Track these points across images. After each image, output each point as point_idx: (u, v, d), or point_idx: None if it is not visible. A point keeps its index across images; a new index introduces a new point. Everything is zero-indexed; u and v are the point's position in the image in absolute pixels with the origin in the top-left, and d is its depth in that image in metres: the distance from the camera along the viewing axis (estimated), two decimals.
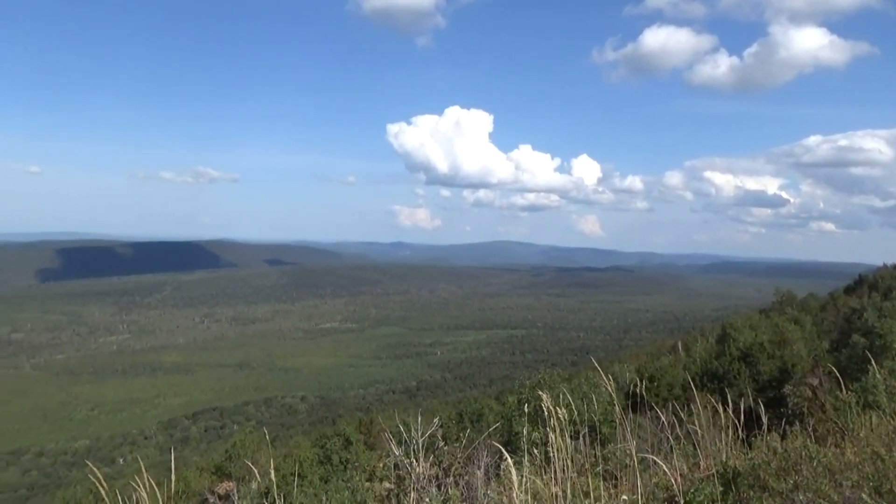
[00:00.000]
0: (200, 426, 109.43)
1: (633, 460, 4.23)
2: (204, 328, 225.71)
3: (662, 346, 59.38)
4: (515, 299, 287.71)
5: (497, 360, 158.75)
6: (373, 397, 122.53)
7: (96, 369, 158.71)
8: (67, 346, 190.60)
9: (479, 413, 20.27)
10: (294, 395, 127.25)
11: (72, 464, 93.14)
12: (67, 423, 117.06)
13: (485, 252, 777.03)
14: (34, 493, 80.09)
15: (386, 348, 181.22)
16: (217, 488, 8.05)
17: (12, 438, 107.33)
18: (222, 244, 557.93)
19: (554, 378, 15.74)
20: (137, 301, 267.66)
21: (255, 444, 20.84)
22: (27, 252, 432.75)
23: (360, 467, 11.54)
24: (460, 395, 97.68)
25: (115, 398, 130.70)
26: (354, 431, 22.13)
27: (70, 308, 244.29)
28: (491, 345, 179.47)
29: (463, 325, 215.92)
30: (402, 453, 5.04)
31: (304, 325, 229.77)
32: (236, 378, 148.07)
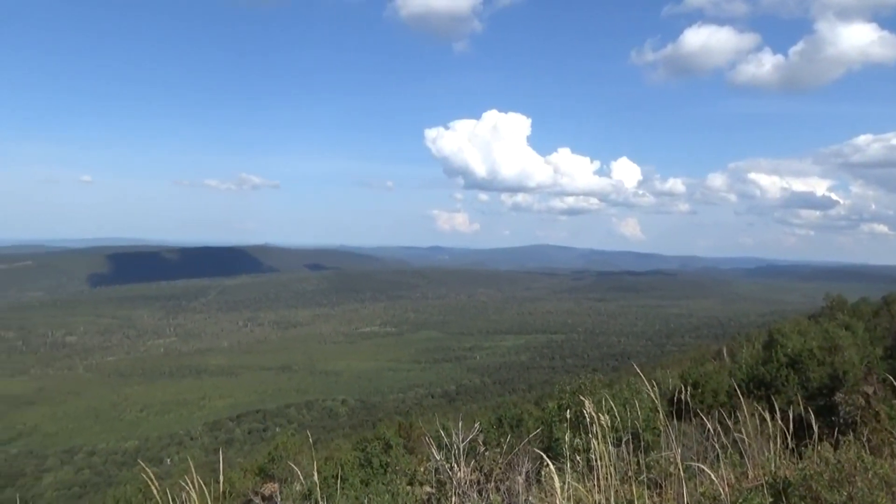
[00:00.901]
0: (244, 428, 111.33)
1: (679, 468, 4.15)
2: (247, 332, 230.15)
3: (706, 352, 57.93)
4: (555, 303, 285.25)
5: (536, 364, 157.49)
6: (412, 401, 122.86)
7: (145, 371, 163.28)
8: (118, 349, 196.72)
9: (518, 418, 20.12)
10: (335, 398, 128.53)
11: (122, 463, 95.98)
12: (118, 423, 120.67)
13: (523, 256, 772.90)
14: (87, 491, 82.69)
15: (425, 352, 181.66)
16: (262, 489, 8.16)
17: (67, 437, 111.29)
18: (264, 249, 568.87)
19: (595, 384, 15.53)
20: (184, 305, 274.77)
21: (296, 446, 21.14)
22: (80, 257, 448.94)
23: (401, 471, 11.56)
24: (499, 399, 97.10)
25: (163, 399, 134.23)
26: (394, 435, 22.21)
27: (120, 312, 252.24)
28: (530, 349, 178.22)
29: (502, 330, 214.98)
30: (443, 458, 5.04)
31: (345, 328, 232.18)
32: (278, 381, 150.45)
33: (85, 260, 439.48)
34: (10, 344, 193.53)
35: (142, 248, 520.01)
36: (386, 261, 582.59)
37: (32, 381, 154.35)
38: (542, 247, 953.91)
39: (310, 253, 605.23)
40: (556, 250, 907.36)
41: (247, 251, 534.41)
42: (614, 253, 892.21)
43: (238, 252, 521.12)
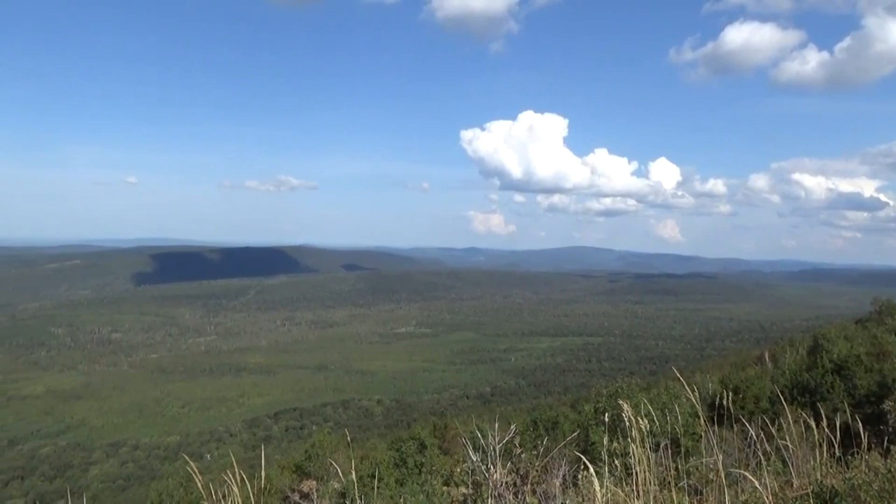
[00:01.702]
0: (282, 426, 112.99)
1: (721, 475, 4.07)
2: (285, 331, 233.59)
3: (747, 357, 56.56)
4: (591, 306, 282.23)
5: (572, 367, 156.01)
6: (447, 402, 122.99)
7: (186, 368, 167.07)
8: (161, 346, 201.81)
9: (554, 421, 19.97)
10: (370, 397, 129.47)
11: (164, 457, 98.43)
12: (160, 418, 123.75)
13: (560, 258, 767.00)
14: (130, 484, 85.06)
15: (460, 353, 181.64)
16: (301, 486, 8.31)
17: (112, 432, 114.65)
18: (302, 250, 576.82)
19: (632, 387, 15.33)
20: (224, 304, 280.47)
21: (333, 444, 21.38)
22: (125, 257, 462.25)
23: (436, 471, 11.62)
24: (535, 402, 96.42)
25: (203, 396, 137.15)
26: (429, 436, 22.27)
27: (163, 310, 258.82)
28: (566, 352, 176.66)
29: (537, 332, 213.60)
30: (479, 459, 5.05)
31: (380, 329, 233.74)
32: (315, 380, 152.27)
33: (130, 259, 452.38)
34: (59, 340, 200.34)
35: (184, 249, 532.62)
36: (422, 262, 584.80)
37: (80, 376, 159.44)
38: (579, 248, 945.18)
39: (346, 253, 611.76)
40: (593, 252, 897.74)
41: (285, 252, 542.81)
42: (652, 255, 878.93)
43: (277, 252, 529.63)
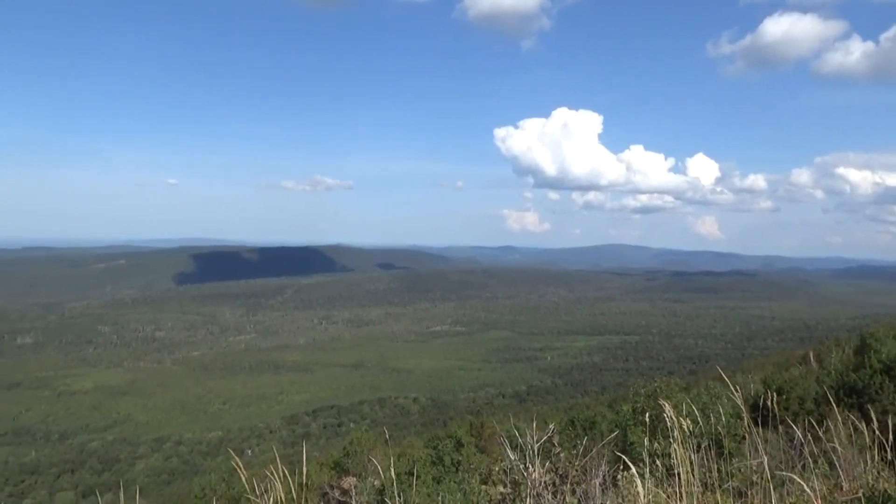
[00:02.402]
0: (319, 423, 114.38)
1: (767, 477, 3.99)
2: (322, 329, 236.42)
3: (791, 357, 55.11)
4: (628, 304, 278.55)
5: (609, 366, 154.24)
6: (482, 401, 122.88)
7: (227, 366, 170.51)
8: (202, 344, 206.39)
9: (591, 420, 19.78)
10: (406, 395, 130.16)
11: (206, 453, 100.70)
12: (202, 415, 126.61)
13: (595, 256, 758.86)
14: (175, 478, 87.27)
15: (495, 352, 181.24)
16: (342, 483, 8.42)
17: (156, 427, 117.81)
18: (338, 249, 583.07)
19: (671, 387, 15.09)
20: (262, 303, 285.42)
21: (370, 442, 21.59)
22: (167, 257, 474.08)
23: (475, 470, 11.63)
24: (571, 401, 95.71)
25: (244, 393, 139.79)
26: (465, 434, 22.31)
27: (204, 309, 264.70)
28: (603, 351, 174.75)
29: (573, 330, 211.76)
30: (517, 458, 5.04)
31: (416, 327, 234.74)
32: (352, 378, 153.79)
33: (172, 259, 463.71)
34: (106, 338, 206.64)
35: (223, 249, 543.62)
36: (456, 260, 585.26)
37: (126, 373, 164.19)
38: (615, 246, 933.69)
39: (381, 253, 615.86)
40: (630, 250, 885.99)
41: (321, 251, 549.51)
42: (691, 252, 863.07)
43: (313, 252, 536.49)
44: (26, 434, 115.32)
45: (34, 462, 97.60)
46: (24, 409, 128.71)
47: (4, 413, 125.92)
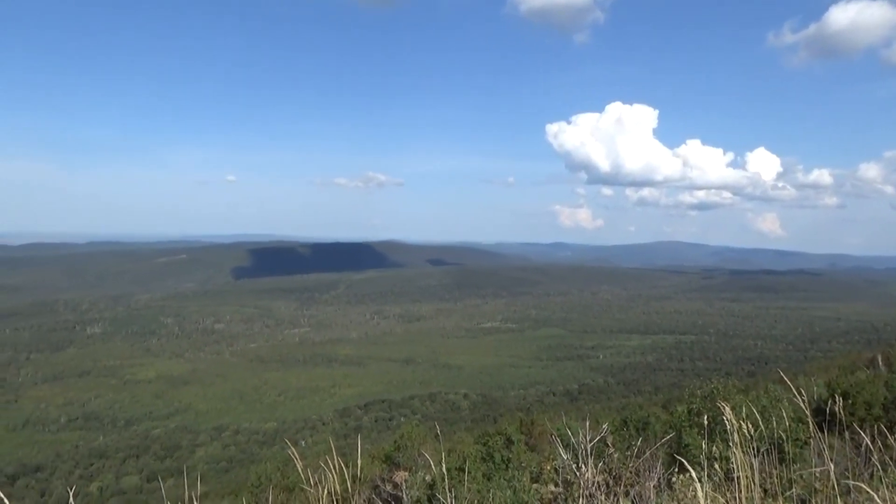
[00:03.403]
0: (371, 416, 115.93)
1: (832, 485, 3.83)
2: (374, 324, 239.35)
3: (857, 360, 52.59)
4: (684, 303, 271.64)
5: (664, 366, 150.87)
6: (533, 398, 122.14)
7: (282, 358, 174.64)
8: (258, 337, 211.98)
9: (644, 421, 19.38)
10: (456, 391, 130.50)
11: (262, 442, 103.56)
12: (259, 405, 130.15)
13: (650, 253, 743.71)
14: (232, 467, 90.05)
15: (546, 350, 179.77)
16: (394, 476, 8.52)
17: (216, 416, 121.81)
18: (389, 245, 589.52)
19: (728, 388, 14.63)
20: (316, 297, 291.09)
21: (421, 436, 21.73)
22: (225, 252, 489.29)
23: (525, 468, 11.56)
24: (624, 400, 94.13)
25: (298, 385, 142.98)
26: (516, 431, 22.20)
27: (260, 302, 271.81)
28: (657, 350, 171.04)
29: (627, 329, 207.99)
30: (569, 457, 5.00)
31: (466, 324, 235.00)
32: (403, 372, 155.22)
33: (229, 254, 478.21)
34: (168, 329, 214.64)
35: (278, 244, 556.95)
36: (507, 257, 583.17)
37: (187, 363, 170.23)
38: (670, 243, 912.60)
39: (432, 249, 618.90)
40: (686, 247, 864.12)
41: (373, 247, 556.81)
42: (750, 250, 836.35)
43: (365, 248, 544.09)
44: (95, 420, 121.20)
45: (102, 446, 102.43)
46: (93, 396, 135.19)
47: (75, 399, 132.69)
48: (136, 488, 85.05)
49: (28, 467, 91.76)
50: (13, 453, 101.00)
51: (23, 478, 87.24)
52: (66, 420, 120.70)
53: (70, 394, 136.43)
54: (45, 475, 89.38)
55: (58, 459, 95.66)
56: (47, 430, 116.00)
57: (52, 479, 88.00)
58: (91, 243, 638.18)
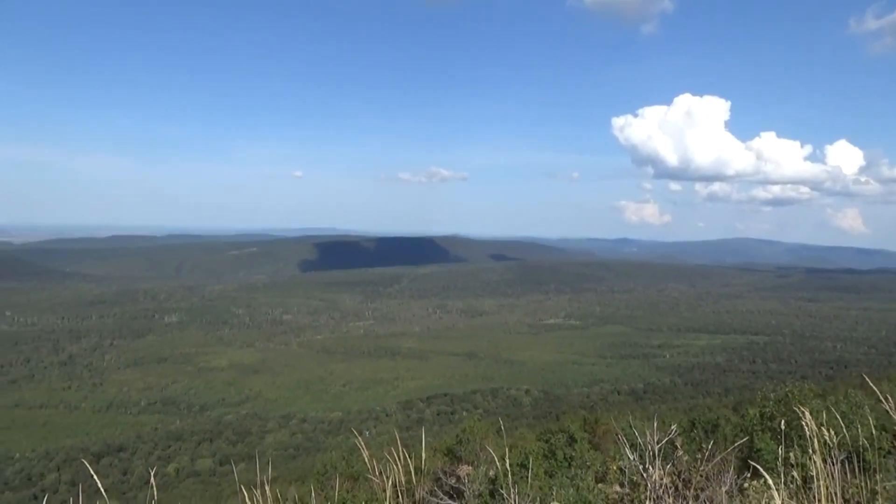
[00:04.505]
0: (433, 409, 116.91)
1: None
2: (436, 318, 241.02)
3: None
4: (757, 302, 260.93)
5: (734, 367, 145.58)
6: (597, 396, 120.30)
7: (347, 350, 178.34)
8: (324, 328, 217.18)
9: (714, 423, 18.78)
10: (518, 387, 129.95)
11: (328, 431, 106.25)
12: (324, 395, 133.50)
13: (720, 250, 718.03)
14: (299, 454, 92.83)
15: (610, 347, 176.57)
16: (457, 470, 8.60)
17: (284, 405, 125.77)
18: (452, 240, 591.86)
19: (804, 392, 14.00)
20: (380, 291, 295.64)
21: (482, 431, 21.80)
22: (293, 245, 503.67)
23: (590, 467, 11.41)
24: (691, 401, 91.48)
25: (362, 377, 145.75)
26: (579, 429, 21.94)
27: (326, 295, 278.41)
28: (727, 350, 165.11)
29: (695, 328, 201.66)
30: (636, 458, 4.92)
31: (529, 319, 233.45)
32: (465, 367, 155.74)
33: (297, 248, 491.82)
34: (240, 319, 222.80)
35: (343, 238, 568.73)
36: (571, 252, 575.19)
37: (257, 352, 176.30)
38: (742, 240, 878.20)
39: (494, 244, 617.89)
40: (759, 244, 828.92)
41: (436, 241, 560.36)
42: (829, 248, 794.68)
43: (427, 242, 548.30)
44: (172, 404, 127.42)
45: (178, 430, 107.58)
46: (170, 382, 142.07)
47: (154, 384, 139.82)
48: (209, 470, 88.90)
49: (112, 447, 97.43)
50: (99, 433, 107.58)
51: (107, 456, 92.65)
52: (145, 403, 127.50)
53: (149, 379, 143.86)
54: (127, 455, 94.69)
55: (138, 440, 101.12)
56: (129, 412, 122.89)
57: (133, 458, 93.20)
58: (169, 236, 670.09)
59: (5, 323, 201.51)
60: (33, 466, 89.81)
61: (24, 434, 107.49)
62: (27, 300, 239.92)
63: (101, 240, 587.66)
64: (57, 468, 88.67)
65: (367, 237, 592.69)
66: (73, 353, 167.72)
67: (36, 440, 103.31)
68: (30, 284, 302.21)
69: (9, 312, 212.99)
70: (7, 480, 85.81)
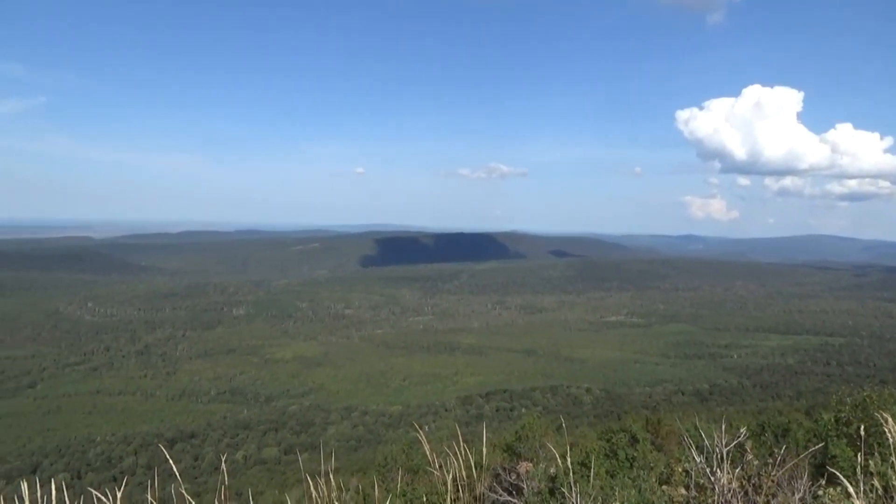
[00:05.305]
0: (492, 405, 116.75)
1: None
2: (495, 314, 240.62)
3: None
4: (831, 302, 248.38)
5: (807, 370, 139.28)
6: (660, 396, 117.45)
7: (407, 345, 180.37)
8: (385, 323, 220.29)
9: (785, 427, 18.04)
10: (579, 385, 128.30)
11: (388, 424, 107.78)
12: (385, 389, 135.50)
13: (792, 247, 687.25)
14: (360, 445, 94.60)
15: (674, 346, 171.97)
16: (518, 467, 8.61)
17: (345, 397, 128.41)
18: (511, 236, 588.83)
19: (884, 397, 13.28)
20: (439, 287, 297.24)
21: (542, 428, 21.67)
22: (354, 241, 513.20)
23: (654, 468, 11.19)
24: (760, 404, 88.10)
25: (422, 371, 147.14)
26: (641, 429, 21.50)
27: (386, 290, 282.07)
28: (799, 352, 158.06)
29: (764, 328, 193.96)
30: (703, 461, 4.81)
31: (590, 317, 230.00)
32: (524, 364, 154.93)
33: (358, 243, 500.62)
34: (303, 313, 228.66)
35: (403, 234, 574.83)
36: (634, 249, 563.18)
37: (320, 346, 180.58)
38: (816, 237, 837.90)
39: (555, 240, 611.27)
40: (834, 241, 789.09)
41: (495, 237, 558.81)
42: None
43: (487, 238, 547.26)
44: (239, 394, 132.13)
45: (246, 419, 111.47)
46: (238, 373, 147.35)
47: (223, 374, 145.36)
48: (275, 459, 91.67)
49: (184, 433, 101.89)
50: (172, 420, 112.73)
51: (180, 443, 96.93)
52: (215, 393, 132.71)
53: (219, 369, 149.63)
54: (198, 441, 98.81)
55: (208, 428, 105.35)
56: (199, 401, 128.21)
57: (204, 445, 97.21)
58: (238, 231, 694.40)
59: (88, 313, 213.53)
60: (113, 450, 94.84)
61: (105, 419, 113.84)
62: (107, 292, 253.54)
63: (174, 235, 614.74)
64: (134, 452, 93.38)
65: (427, 233, 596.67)
66: (148, 342, 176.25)
67: (115, 425, 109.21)
68: (109, 277, 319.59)
69: (90, 304, 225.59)
70: (90, 462, 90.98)
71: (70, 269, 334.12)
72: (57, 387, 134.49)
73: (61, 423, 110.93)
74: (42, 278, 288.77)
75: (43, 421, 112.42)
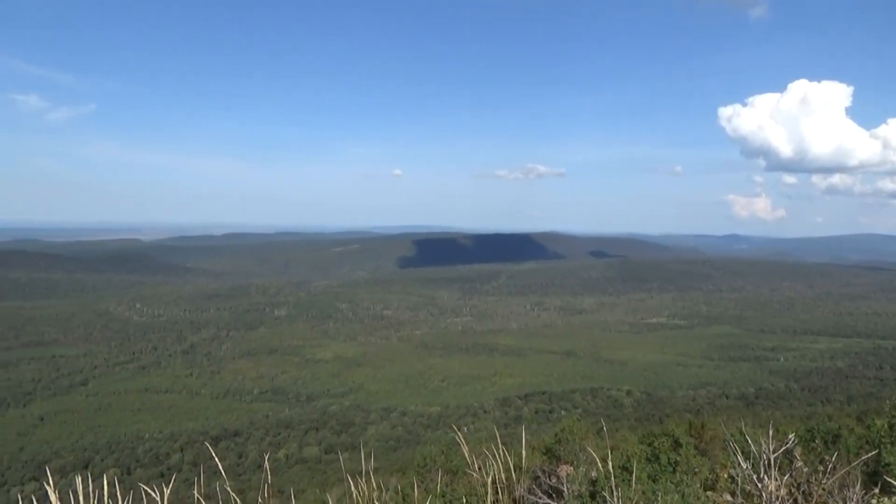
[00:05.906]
0: (531, 407, 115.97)
1: None
2: (534, 315, 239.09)
3: None
4: (884, 304, 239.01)
5: (858, 373, 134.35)
6: (703, 400, 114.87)
7: (445, 346, 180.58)
8: (423, 324, 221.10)
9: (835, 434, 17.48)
10: (619, 388, 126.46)
11: (427, 425, 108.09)
12: (423, 390, 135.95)
13: (842, 247, 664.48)
14: (399, 446, 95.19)
15: (718, 349, 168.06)
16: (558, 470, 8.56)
17: (385, 397, 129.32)
18: (550, 236, 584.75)
19: None
20: (477, 288, 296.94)
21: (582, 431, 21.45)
22: (392, 242, 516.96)
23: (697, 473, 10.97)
24: (809, 409, 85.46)
25: (460, 373, 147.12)
26: (684, 434, 21.09)
27: (425, 291, 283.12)
28: (850, 355, 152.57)
29: (813, 330, 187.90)
30: (749, 467, 4.70)
31: (630, 318, 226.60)
32: (563, 365, 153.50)
33: (396, 245, 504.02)
34: (343, 314, 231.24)
35: (441, 235, 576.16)
36: (675, 249, 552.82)
37: (360, 346, 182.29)
38: (867, 236, 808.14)
39: (594, 240, 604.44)
40: (887, 240, 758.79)
41: (533, 238, 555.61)
42: None
43: (525, 239, 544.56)
44: (281, 394, 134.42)
45: (287, 418, 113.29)
46: (280, 372, 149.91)
47: (266, 374, 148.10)
48: (315, 458, 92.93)
49: (228, 431, 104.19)
50: (217, 418, 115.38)
51: (224, 440, 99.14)
52: (258, 392, 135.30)
53: (261, 369, 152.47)
54: (242, 440, 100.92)
55: (251, 427, 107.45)
56: (243, 399, 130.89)
57: (247, 443, 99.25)
58: (279, 233, 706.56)
59: (136, 314, 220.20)
60: (160, 447, 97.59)
61: (153, 416, 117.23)
62: (154, 293, 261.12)
63: (217, 237, 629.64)
64: (181, 449, 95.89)
65: (465, 234, 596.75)
66: (193, 342, 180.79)
67: (162, 422, 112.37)
68: (156, 278, 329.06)
69: (139, 304, 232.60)
70: (138, 458, 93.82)
71: (119, 271, 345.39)
72: (107, 384, 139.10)
73: (111, 420, 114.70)
74: (93, 280, 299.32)
75: (94, 417, 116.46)
